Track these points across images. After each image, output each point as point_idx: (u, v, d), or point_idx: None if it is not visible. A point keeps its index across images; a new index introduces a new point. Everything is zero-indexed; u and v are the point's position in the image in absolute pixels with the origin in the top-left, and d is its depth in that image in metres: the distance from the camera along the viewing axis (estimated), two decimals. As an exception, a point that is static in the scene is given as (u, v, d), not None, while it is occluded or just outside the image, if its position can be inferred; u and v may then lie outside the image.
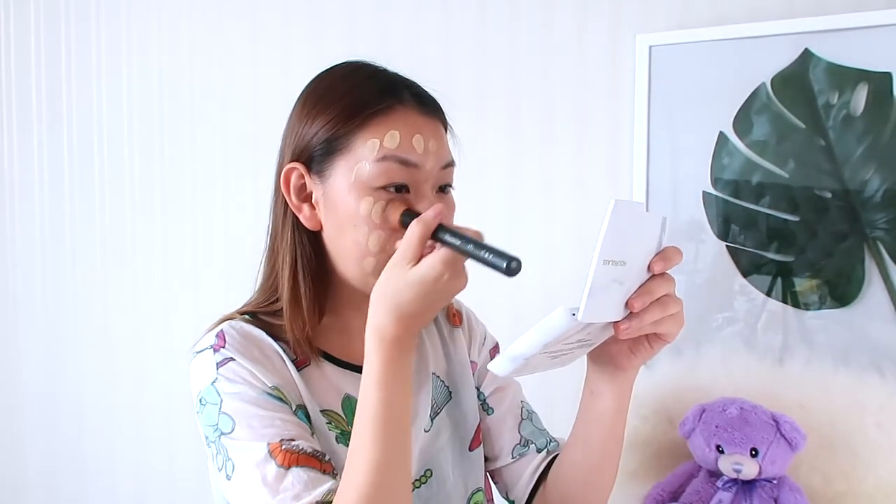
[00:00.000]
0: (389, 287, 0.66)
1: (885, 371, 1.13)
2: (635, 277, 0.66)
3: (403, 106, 0.75)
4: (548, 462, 0.91)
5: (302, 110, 0.78)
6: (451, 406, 0.88)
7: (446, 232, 0.65)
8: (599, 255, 0.60)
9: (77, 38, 1.88)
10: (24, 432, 2.04)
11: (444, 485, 0.84)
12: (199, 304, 1.75)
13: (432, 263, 0.64)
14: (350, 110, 0.74)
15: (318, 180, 0.76)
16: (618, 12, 1.34)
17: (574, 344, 0.69)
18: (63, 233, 1.94)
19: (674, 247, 0.67)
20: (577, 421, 0.85)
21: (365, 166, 0.73)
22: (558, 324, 0.63)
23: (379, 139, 0.73)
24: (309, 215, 0.77)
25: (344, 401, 0.79)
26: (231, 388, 0.72)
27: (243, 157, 1.69)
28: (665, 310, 0.68)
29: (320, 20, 1.60)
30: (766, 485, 1.05)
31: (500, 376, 0.71)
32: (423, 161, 0.74)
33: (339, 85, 0.78)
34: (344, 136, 0.74)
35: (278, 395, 0.73)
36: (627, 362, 0.75)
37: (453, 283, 0.65)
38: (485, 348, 0.97)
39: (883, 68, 1.16)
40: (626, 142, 1.34)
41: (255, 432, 0.70)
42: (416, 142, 0.74)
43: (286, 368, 0.76)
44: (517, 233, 1.44)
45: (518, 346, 0.65)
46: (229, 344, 0.75)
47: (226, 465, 0.71)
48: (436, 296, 0.65)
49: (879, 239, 1.18)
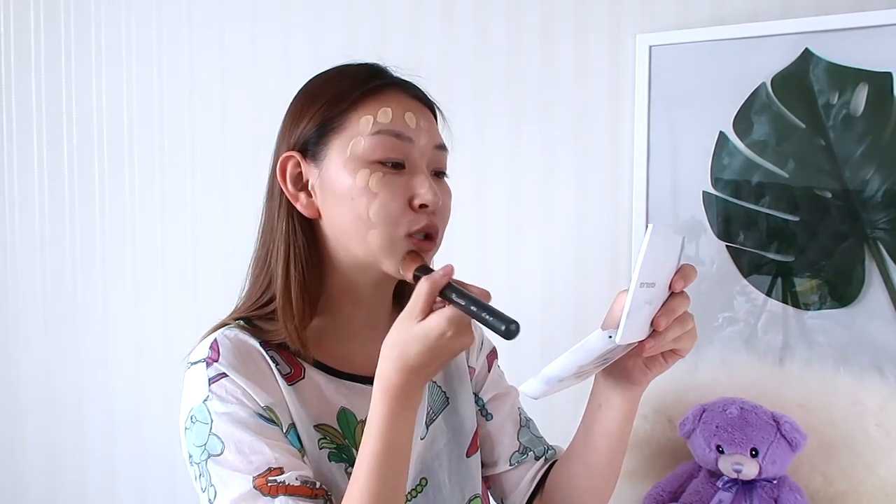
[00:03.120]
0: (398, 339, 0.67)
1: (885, 371, 1.13)
2: (660, 297, 0.69)
3: (393, 88, 0.78)
4: (545, 469, 0.92)
5: (294, 108, 0.80)
6: (448, 412, 0.87)
7: (453, 291, 0.67)
8: (638, 280, 0.62)
9: (77, 38, 1.88)
10: (23, 433, 2.04)
11: (441, 492, 0.83)
12: (199, 303, 1.75)
13: (437, 321, 0.65)
14: (342, 93, 0.77)
15: (313, 165, 0.77)
16: (618, 12, 1.34)
17: (600, 362, 0.72)
18: (63, 233, 1.94)
19: (691, 265, 0.71)
20: (581, 431, 0.86)
21: (360, 141, 0.75)
22: (596, 346, 0.66)
23: (372, 115, 0.75)
24: (306, 203, 0.77)
25: (339, 414, 0.78)
26: (222, 408, 0.71)
27: (243, 157, 1.69)
28: (684, 327, 0.70)
29: (320, 20, 1.60)
30: (767, 485, 1.05)
31: (533, 398, 0.73)
32: (417, 136, 0.76)
33: (329, 78, 0.81)
34: (337, 116, 0.76)
35: (270, 416, 0.72)
36: (641, 377, 0.77)
37: (457, 340, 0.66)
38: (482, 354, 0.97)
39: (883, 68, 1.16)
40: (627, 142, 1.34)
41: (243, 458, 0.69)
42: (408, 118, 0.76)
43: (277, 387, 0.75)
44: (517, 232, 1.44)
45: (553, 368, 0.68)
46: (223, 357, 0.74)
47: (208, 490, 0.70)
48: (440, 351, 0.66)
49: (880, 239, 1.18)
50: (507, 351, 1.04)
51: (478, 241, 1.45)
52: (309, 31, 1.61)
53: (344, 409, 0.78)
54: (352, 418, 0.78)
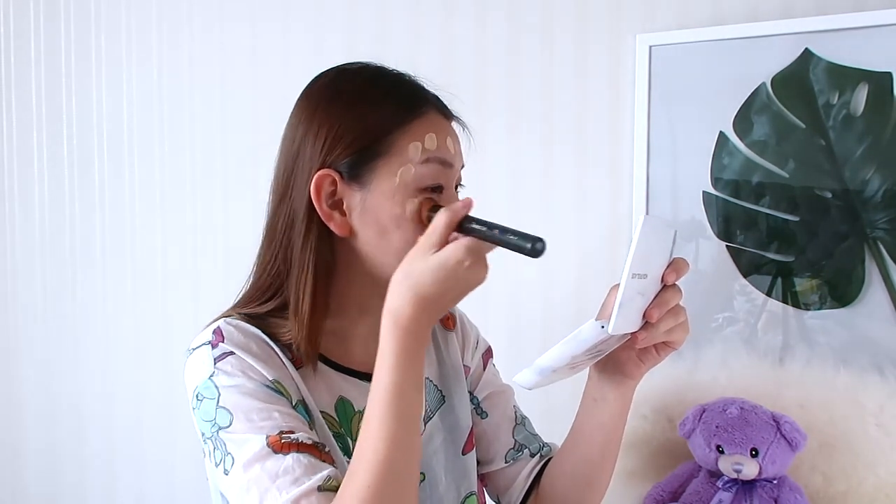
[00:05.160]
0: (410, 271, 0.66)
1: (885, 371, 1.13)
2: (652, 289, 0.69)
3: (433, 110, 0.78)
4: (541, 466, 0.92)
5: (327, 119, 0.76)
6: (444, 410, 0.88)
7: (472, 220, 0.66)
8: (630, 269, 0.63)
9: (77, 38, 1.88)
10: (23, 433, 2.04)
11: (437, 488, 0.83)
12: (199, 303, 1.75)
13: (455, 248, 0.64)
14: (388, 115, 0.75)
15: (356, 188, 0.75)
16: (618, 12, 1.34)
17: (593, 353, 0.72)
18: (63, 233, 1.94)
19: (682, 258, 0.71)
20: (576, 425, 0.87)
21: (410, 169, 0.74)
22: (588, 336, 0.67)
23: (420, 142, 0.74)
24: (340, 222, 0.75)
25: (338, 403, 0.78)
26: (229, 382, 0.71)
27: (243, 157, 1.69)
28: (676, 319, 0.71)
29: (320, 20, 1.60)
30: (767, 485, 1.05)
31: (527, 388, 0.73)
32: (455, 162, 0.78)
33: (367, 90, 0.78)
34: (384, 140, 0.74)
35: (278, 387, 0.72)
36: (635, 370, 0.78)
37: (474, 270, 0.65)
38: (478, 352, 0.97)
39: (883, 68, 1.16)
40: (626, 142, 1.34)
41: (253, 425, 0.69)
42: (449, 144, 0.77)
43: (285, 366, 0.76)
44: (517, 233, 1.44)
45: (546, 358, 0.69)
46: (228, 339, 0.74)
47: (224, 460, 0.70)
48: (455, 282, 0.65)
49: (880, 239, 1.18)
50: (507, 349, 1.04)
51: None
52: (309, 31, 1.61)
53: (342, 399, 0.79)
54: (349, 408, 0.78)
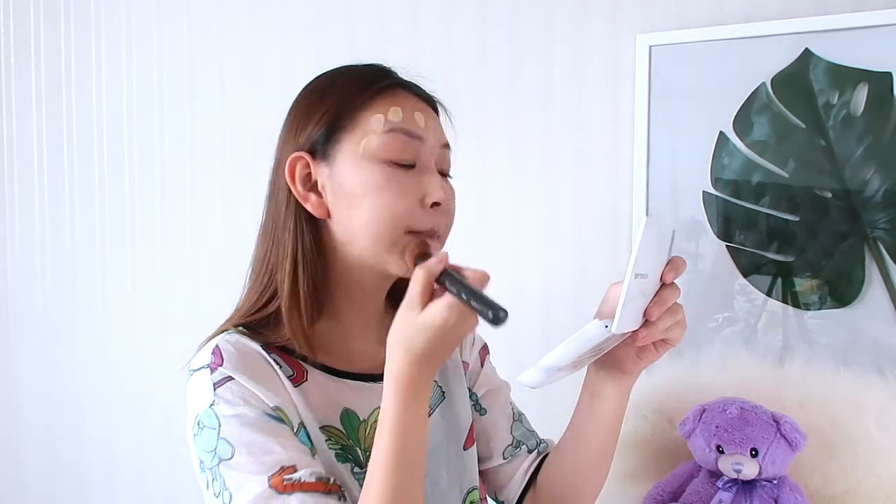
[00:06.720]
0: (403, 332, 0.67)
1: (885, 371, 1.13)
2: (652, 288, 0.70)
3: (400, 88, 0.79)
4: (538, 463, 0.93)
5: (300, 108, 0.80)
6: (444, 406, 0.88)
7: (447, 278, 0.67)
8: (633, 270, 0.64)
9: (77, 38, 1.88)
10: (22, 433, 2.04)
11: (439, 485, 0.83)
12: (199, 303, 1.75)
13: (438, 310, 0.65)
14: (351, 93, 0.77)
15: (324, 165, 0.76)
16: (618, 12, 1.34)
17: (595, 351, 0.73)
18: (63, 233, 1.94)
19: (680, 258, 0.72)
20: (573, 422, 0.87)
21: (373, 139, 0.75)
22: (593, 336, 0.68)
23: (383, 114, 0.75)
24: (316, 203, 0.77)
25: (343, 415, 0.78)
26: (229, 411, 0.70)
27: (243, 157, 1.69)
28: (674, 317, 0.73)
29: (320, 20, 1.60)
30: (767, 485, 1.05)
31: (532, 387, 0.74)
32: (426, 135, 0.77)
33: (335, 78, 0.81)
34: (347, 116, 0.76)
35: (279, 415, 0.72)
36: (633, 366, 0.79)
37: (460, 326, 0.66)
38: (475, 349, 0.97)
39: (883, 68, 1.16)
40: (626, 142, 1.34)
41: (254, 459, 0.68)
42: (417, 117, 0.77)
43: (284, 388, 0.75)
44: (517, 232, 1.44)
45: (552, 357, 0.70)
46: (227, 361, 0.73)
47: (223, 495, 0.69)
48: (444, 339, 0.66)
49: (880, 239, 1.18)
50: (507, 347, 1.04)
51: (478, 241, 1.45)
52: (309, 31, 1.61)
53: (347, 410, 0.78)
54: (354, 418, 0.78)
